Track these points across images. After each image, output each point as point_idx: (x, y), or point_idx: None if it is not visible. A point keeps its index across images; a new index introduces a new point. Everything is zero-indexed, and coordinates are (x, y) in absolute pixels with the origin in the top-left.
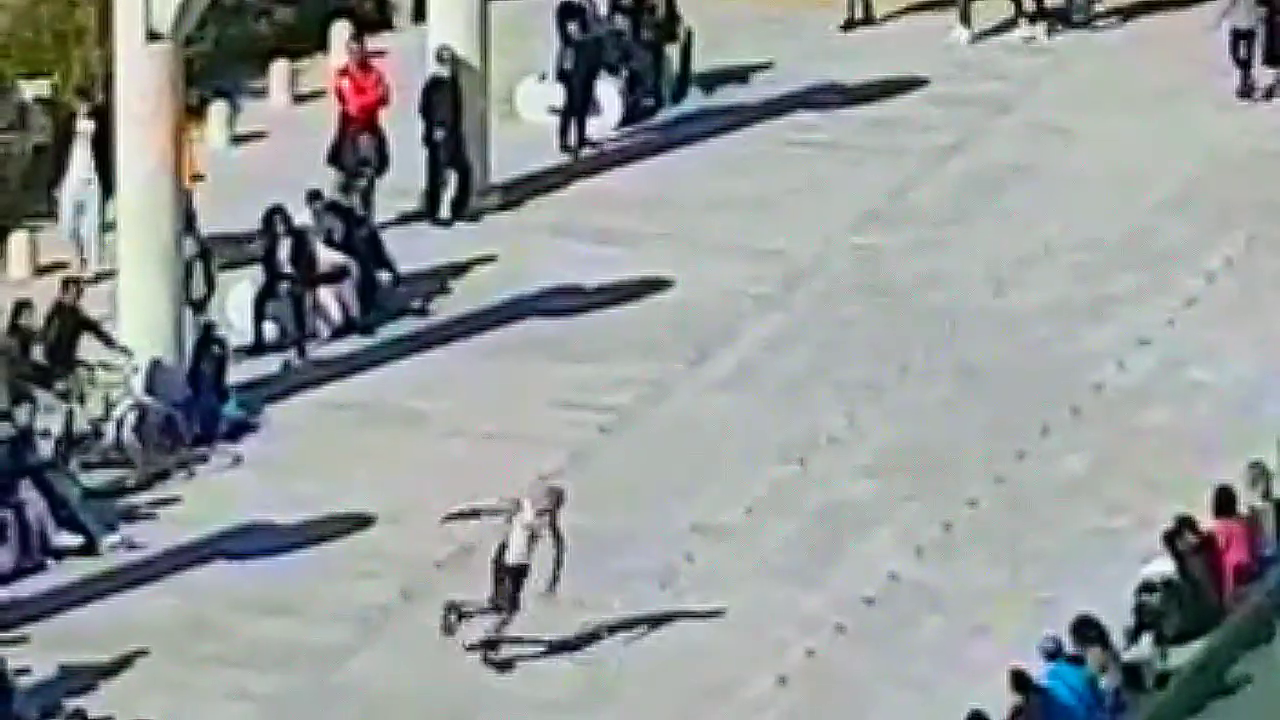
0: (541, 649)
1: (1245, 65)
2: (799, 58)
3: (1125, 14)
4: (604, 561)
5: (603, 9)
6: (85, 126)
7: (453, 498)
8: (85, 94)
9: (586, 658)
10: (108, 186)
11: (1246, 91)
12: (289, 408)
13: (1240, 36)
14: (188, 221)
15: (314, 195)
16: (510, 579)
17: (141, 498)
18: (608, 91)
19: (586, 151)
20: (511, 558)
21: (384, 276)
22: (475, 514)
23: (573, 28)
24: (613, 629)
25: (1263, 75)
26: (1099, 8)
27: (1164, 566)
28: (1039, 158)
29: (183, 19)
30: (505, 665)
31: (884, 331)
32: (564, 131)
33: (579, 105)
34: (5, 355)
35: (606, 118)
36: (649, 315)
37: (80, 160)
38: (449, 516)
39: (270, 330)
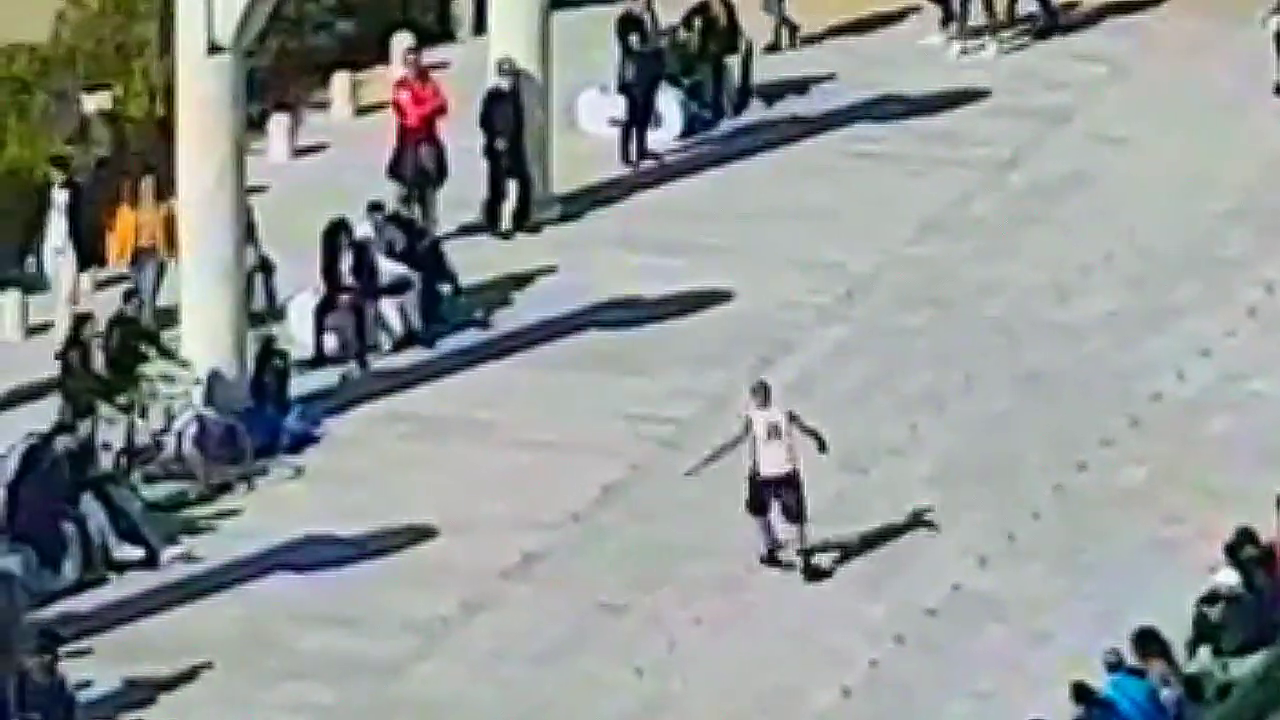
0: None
1: None
2: (859, 69)
3: (1184, 21)
4: (667, 573)
5: (664, 20)
6: (60, 197)
7: (514, 509)
8: (61, 164)
9: (648, 668)
10: (83, 258)
11: None
12: (350, 420)
13: None
14: (248, 234)
15: (375, 207)
16: (788, 489)
17: (203, 510)
18: (668, 103)
19: (647, 163)
20: (769, 469)
21: (445, 288)
22: (715, 457)
23: (633, 39)
24: (676, 640)
25: None
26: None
27: (1231, 577)
28: (1098, 168)
29: (244, 31)
30: (821, 573)
31: (945, 342)
32: (625, 143)
33: (640, 117)
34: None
35: (667, 129)
36: (710, 327)
37: (55, 230)
38: (691, 471)
39: (331, 342)
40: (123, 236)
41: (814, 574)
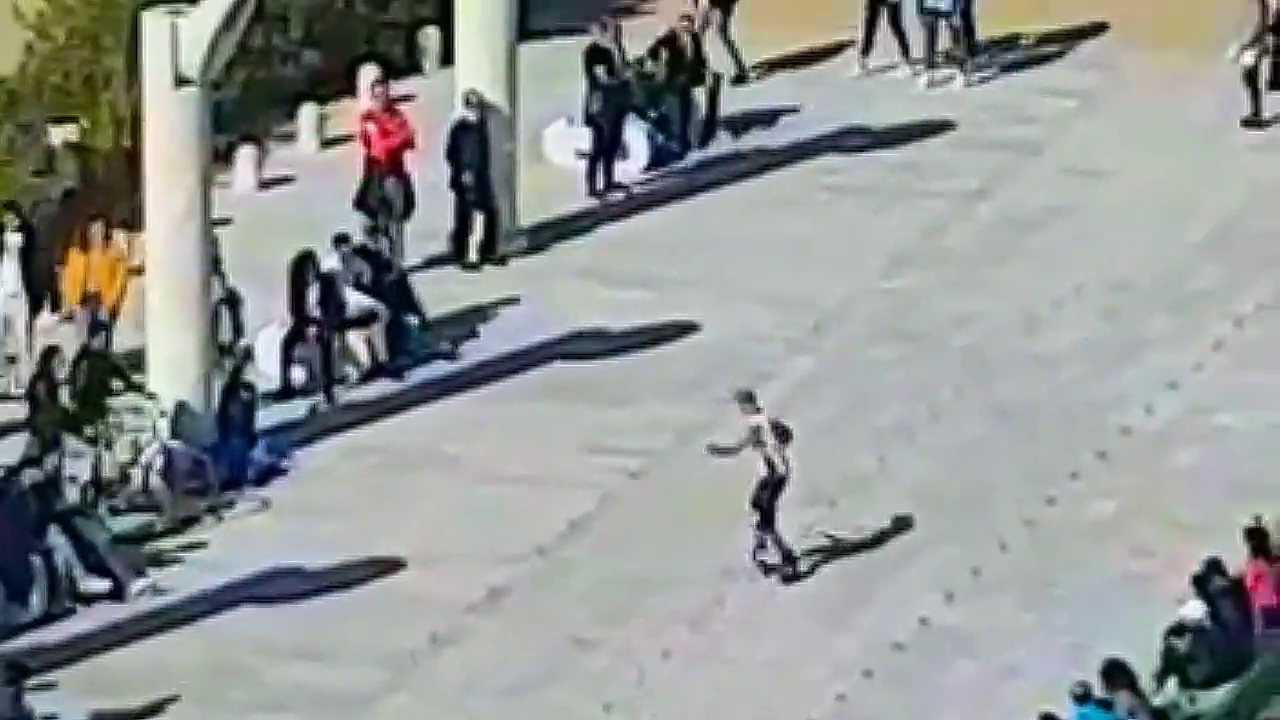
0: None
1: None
2: (826, 101)
3: (1153, 55)
4: (635, 606)
5: (631, 52)
6: (13, 240)
7: (482, 542)
8: (14, 209)
9: (618, 702)
10: (35, 300)
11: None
12: (317, 452)
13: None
14: (214, 266)
15: (341, 239)
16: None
17: (169, 542)
18: (635, 135)
19: (614, 195)
20: (784, 470)
21: (412, 320)
22: (727, 452)
23: (600, 71)
24: (645, 674)
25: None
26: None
27: (1199, 609)
28: (1069, 199)
29: (211, 64)
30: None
31: (914, 374)
32: (591, 175)
33: (606, 149)
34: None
35: (634, 161)
36: (678, 359)
37: (8, 273)
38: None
39: (298, 374)
40: (74, 280)
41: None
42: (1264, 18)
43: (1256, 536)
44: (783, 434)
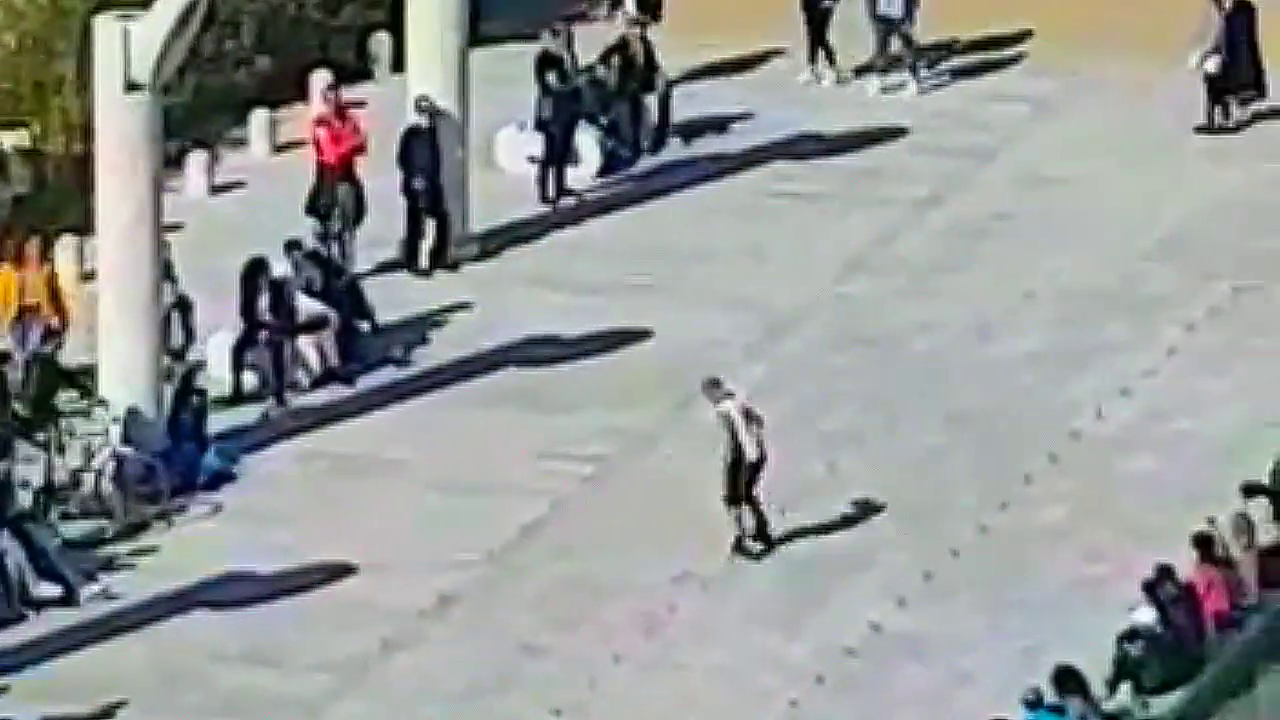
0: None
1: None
2: (778, 107)
3: (1107, 63)
4: (587, 612)
5: (582, 59)
6: None
7: (433, 548)
8: None
9: (569, 708)
10: None
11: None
12: (268, 457)
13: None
14: (166, 271)
15: (293, 245)
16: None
17: (121, 548)
18: (586, 141)
19: (565, 201)
20: (755, 454)
21: (363, 326)
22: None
23: (551, 77)
24: (596, 680)
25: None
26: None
27: (1149, 615)
28: (1022, 207)
29: (161, 69)
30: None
31: (868, 380)
32: (543, 181)
33: (558, 155)
34: None
35: (585, 167)
36: (630, 365)
37: None
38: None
39: (249, 380)
40: (5, 294)
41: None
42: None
43: (1204, 543)
44: (754, 418)
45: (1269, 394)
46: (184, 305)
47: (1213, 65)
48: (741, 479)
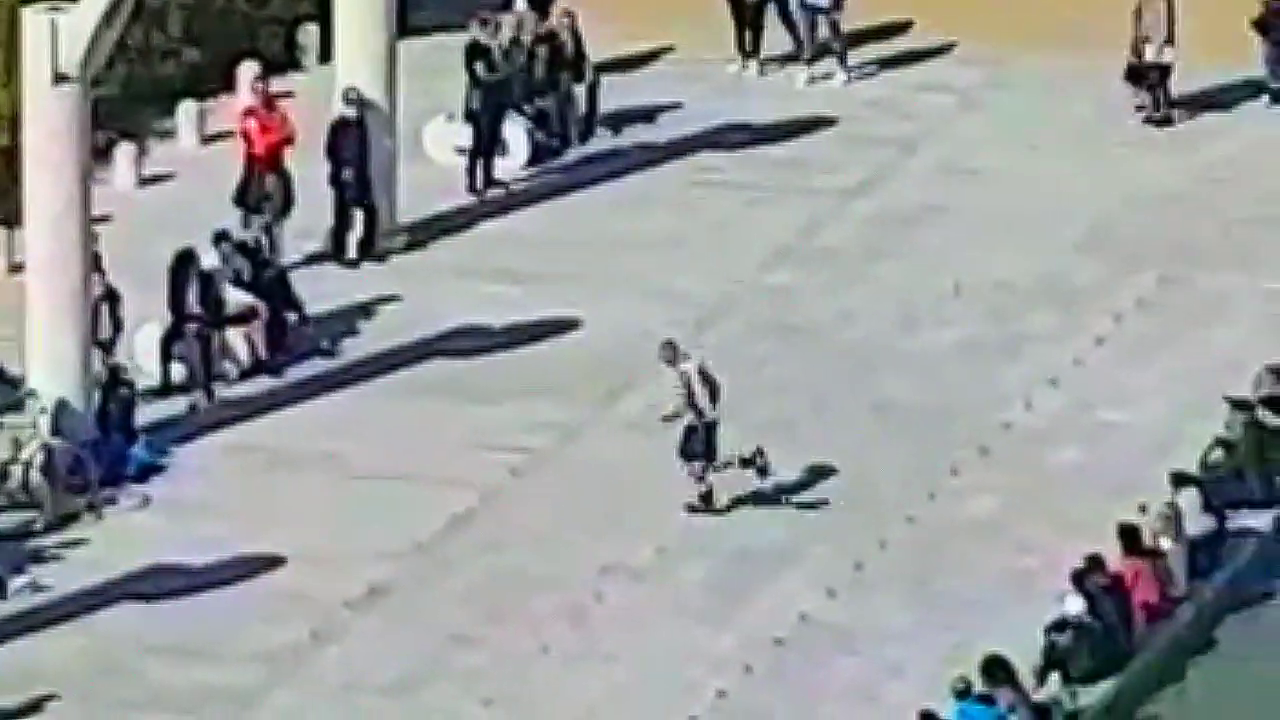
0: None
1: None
2: (706, 97)
3: (1034, 54)
4: (516, 603)
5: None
6: None
7: (362, 539)
8: None
9: (498, 699)
10: None
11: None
12: (197, 449)
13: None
14: (94, 263)
15: (221, 236)
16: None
17: (49, 539)
18: (515, 132)
19: (493, 192)
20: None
21: (291, 317)
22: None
23: (480, 68)
24: (525, 671)
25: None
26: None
27: (1078, 605)
28: (949, 197)
29: (90, 61)
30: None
31: (795, 371)
32: (471, 172)
33: (486, 146)
34: None
35: (513, 158)
36: (558, 356)
37: None
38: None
39: (178, 372)
40: None
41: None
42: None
43: (1129, 535)
44: (709, 381)
45: (1197, 384)
46: (112, 297)
47: (1169, 55)
48: (699, 439)
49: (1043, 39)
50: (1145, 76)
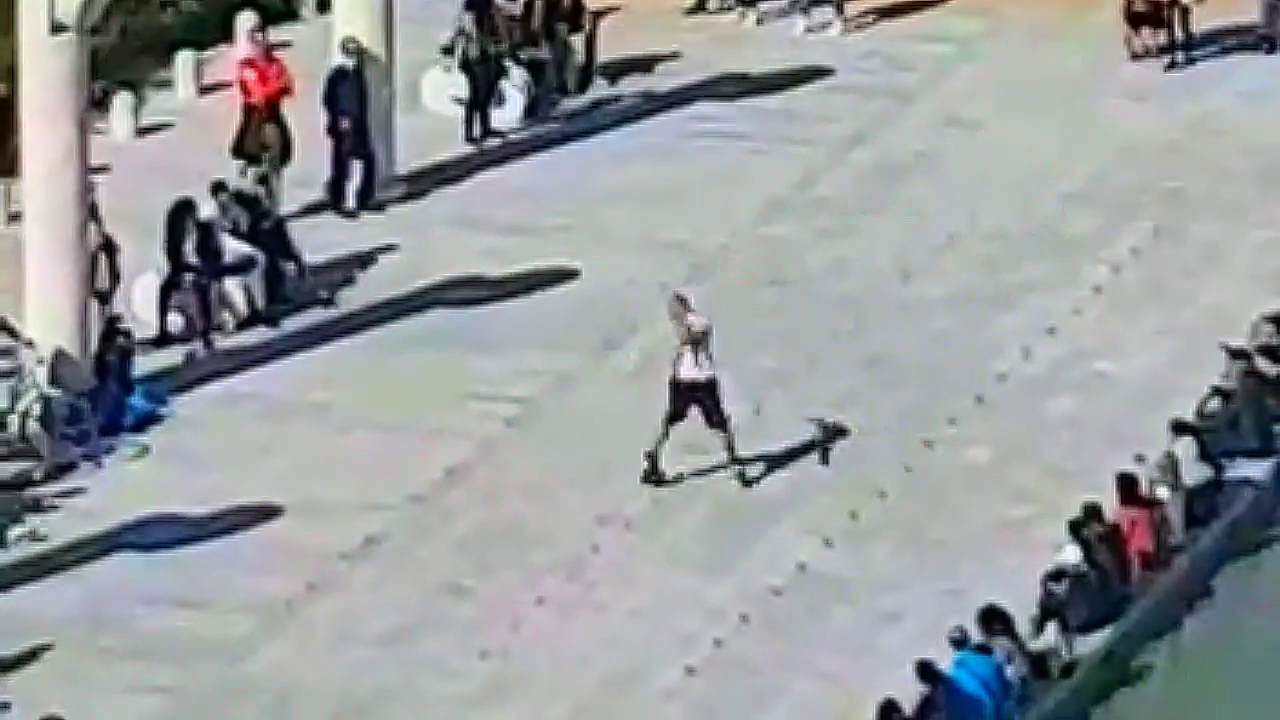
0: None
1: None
2: (703, 47)
3: (1033, 4)
4: (510, 554)
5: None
6: None
7: (358, 490)
8: None
9: (493, 650)
10: None
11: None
12: (194, 399)
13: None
14: (91, 213)
15: (219, 186)
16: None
17: (47, 489)
18: (511, 82)
19: (491, 142)
20: (686, 374)
21: (289, 267)
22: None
23: (468, 18)
24: (520, 622)
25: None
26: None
27: (1075, 554)
28: (945, 147)
29: (88, 10)
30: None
31: (791, 321)
32: (469, 122)
33: (483, 96)
34: None
35: (510, 108)
36: (554, 307)
37: None
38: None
39: (175, 322)
40: None
41: (746, 482)
42: None
43: (1126, 483)
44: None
45: (1193, 334)
46: (110, 247)
47: None
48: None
49: None
50: (1148, 20)
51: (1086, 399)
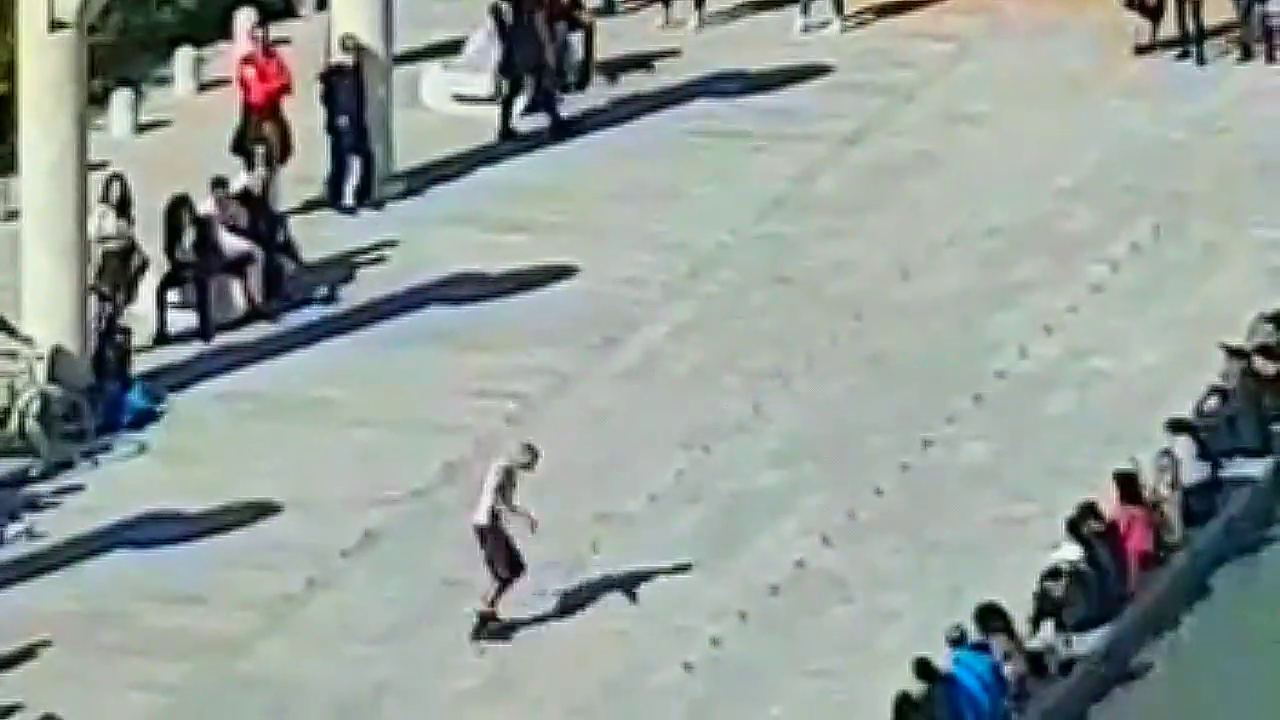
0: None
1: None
2: (703, 46)
3: (1032, 2)
4: None
5: None
6: None
7: (357, 486)
8: None
9: (491, 648)
10: None
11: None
12: (193, 396)
13: None
14: (123, 209)
15: (218, 183)
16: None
17: (45, 487)
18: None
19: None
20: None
21: (288, 264)
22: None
23: (498, 18)
24: (518, 618)
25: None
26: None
27: (1073, 552)
28: (944, 145)
29: (87, 7)
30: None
31: (789, 320)
32: (505, 118)
33: (510, 93)
34: None
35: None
36: (554, 304)
37: None
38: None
39: (174, 319)
40: None
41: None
42: None
43: (1125, 482)
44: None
45: (1191, 332)
46: (134, 256)
47: None
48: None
49: None
50: (1141, 8)
51: (1085, 397)
